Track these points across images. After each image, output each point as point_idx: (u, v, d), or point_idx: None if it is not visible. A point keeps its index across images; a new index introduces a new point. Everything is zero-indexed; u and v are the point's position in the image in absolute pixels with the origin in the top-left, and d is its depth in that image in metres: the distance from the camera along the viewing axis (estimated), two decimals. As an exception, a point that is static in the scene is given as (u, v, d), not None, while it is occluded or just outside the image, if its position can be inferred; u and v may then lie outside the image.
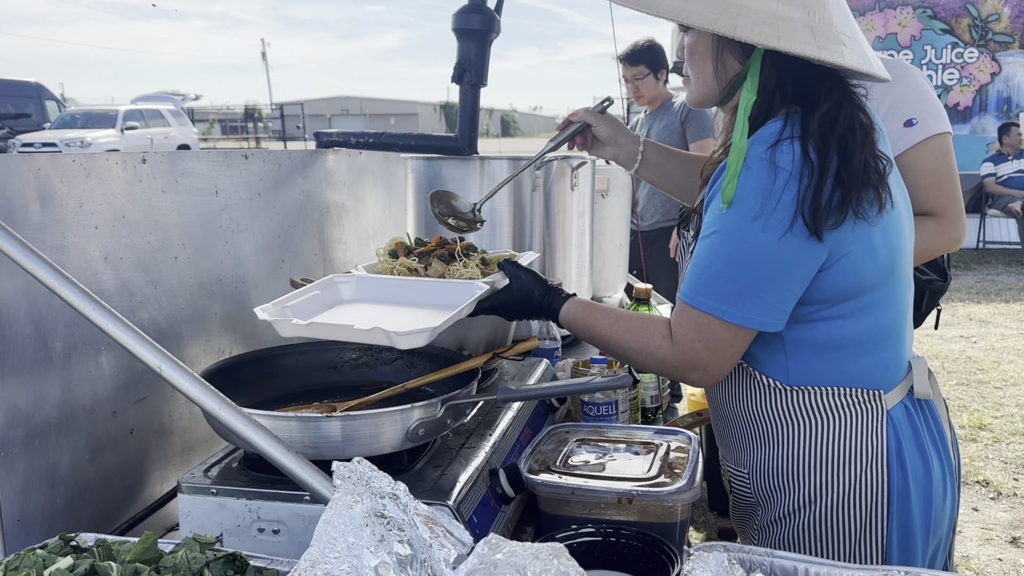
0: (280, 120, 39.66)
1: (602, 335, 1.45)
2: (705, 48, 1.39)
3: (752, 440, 1.48)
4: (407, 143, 2.49)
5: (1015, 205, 10.54)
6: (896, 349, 1.42)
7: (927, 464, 1.41)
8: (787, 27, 1.24)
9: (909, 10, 11.14)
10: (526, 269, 1.58)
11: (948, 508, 1.47)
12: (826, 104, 1.28)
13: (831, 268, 1.29)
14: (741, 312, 1.28)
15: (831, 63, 1.24)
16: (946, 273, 2.53)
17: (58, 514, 1.41)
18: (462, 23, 2.33)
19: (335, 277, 1.69)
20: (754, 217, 1.25)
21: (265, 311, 1.47)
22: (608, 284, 3.22)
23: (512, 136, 76.97)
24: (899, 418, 1.40)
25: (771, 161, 1.24)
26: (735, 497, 1.57)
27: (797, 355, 1.38)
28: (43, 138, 18.13)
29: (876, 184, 1.29)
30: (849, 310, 1.34)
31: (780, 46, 1.23)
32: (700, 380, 1.37)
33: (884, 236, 1.32)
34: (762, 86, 1.31)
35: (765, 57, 1.30)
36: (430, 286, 1.63)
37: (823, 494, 1.41)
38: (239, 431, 1.18)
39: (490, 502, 1.39)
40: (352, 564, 0.89)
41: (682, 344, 1.33)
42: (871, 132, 1.32)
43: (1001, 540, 3.60)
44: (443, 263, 1.72)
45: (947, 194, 2.02)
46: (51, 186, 1.39)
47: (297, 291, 1.60)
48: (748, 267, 1.27)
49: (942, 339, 6.78)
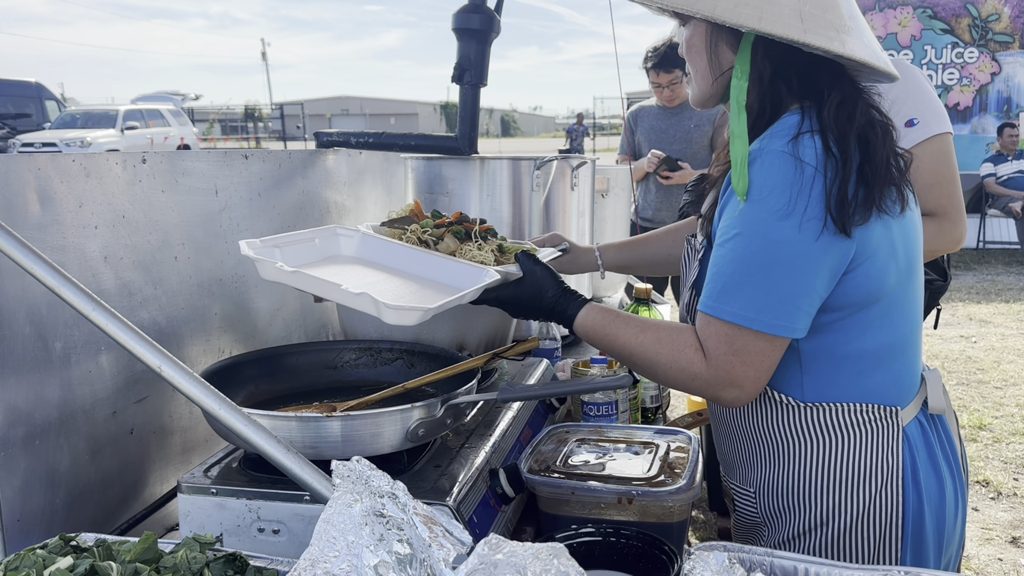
0: (280, 120, 39.69)
1: (625, 346, 1.34)
2: (700, 40, 1.35)
3: (760, 458, 1.42)
4: (407, 143, 2.49)
5: (1015, 205, 10.54)
6: (911, 361, 1.37)
7: (940, 482, 1.36)
8: (771, 9, 1.18)
9: (909, 10, 11.13)
10: (543, 265, 1.48)
11: (959, 526, 1.43)
12: (834, 97, 1.22)
13: (857, 270, 1.23)
14: (771, 319, 1.20)
15: (820, 49, 1.18)
16: (946, 273, 2.54)
17: (58, 514, 1.41)
18: (462, 23, 2.33)
19: (338, 228, 1.58)
20: (783, 215, 1.17)
21: (251, 247, 1.35)
22: (608, 284, 3.22)
23: (512, 136, 76.98)
24: (914, 435, 1.35)
25: (795, 155, 1.18)
26: (739, 516, 1.51)
27: (813, 369, 1.31)
28: (43, 138, 18.15)
29: (898, 182, 1.24)
30: (868, 318, 1.28)
31: (761, 28, 1.17)
32: (735, 399, 1.26)
33: (904, 236, 1.28)
34: (756, 77, 1.27)
35: (757, 45, 1.25)
36: (437, 262, 1.50)
37: (835, 515, 1.35)
38: (239, 431, 1.18)
39: (490, 502, 1.38)
40: (352, 563, 0.89)
41: (715, 359, 1.24)
42: (891, 129, 1.27)
43: (1001, 540, 3.60)
44: (456, 240, 1.58)
45: (948, 194, 2.02)
46: (51, 186, 1.39)
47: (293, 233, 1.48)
48: (779, 270, 1.19)
49: (942, 339, 6.78)
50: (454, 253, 1.55)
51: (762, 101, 1.28)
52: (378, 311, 1.25)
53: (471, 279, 1.41)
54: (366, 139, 2.50)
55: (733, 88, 1.28)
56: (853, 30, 1.24)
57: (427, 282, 1.44)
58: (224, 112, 53.03)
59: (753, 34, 1.24)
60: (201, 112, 47.16)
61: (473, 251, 1.56)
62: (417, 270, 1.49)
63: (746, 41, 1.26)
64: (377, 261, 1.53)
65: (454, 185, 2.30)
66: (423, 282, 1.45)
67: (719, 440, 1.55)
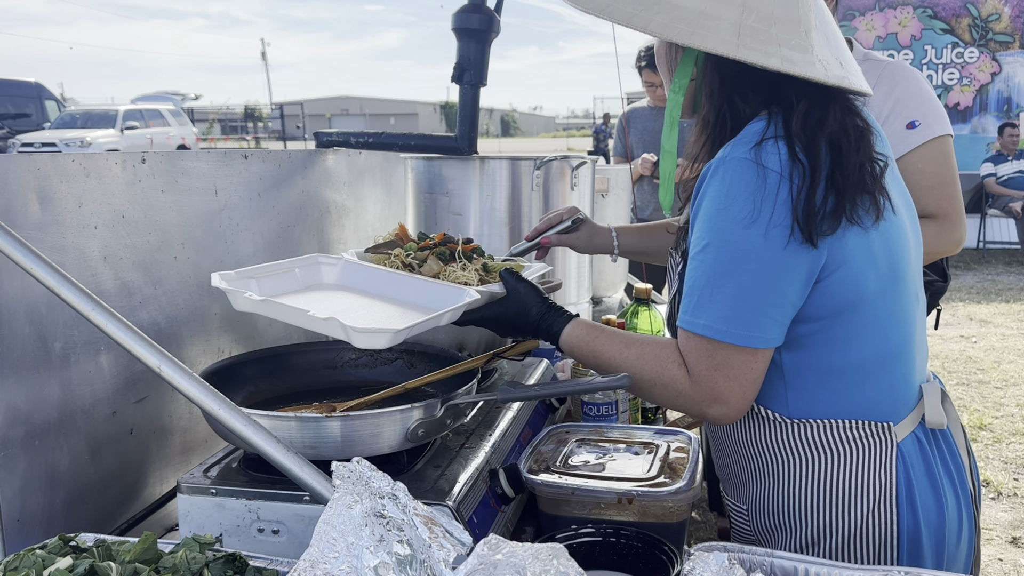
0: (280, 120, 39.72)
1: (610, 362, 1.33)
2: (664, 52, 1.36)
3: (752, 475, 1.39)
4: (407, 143, 2.49)
5: (1015, 205, 10.55)
6: (904, 372, 1.31)
7: (940, 501, 1.31)
8: (707, 24, 1.17)
9: (909, 10, 11.14)
10: (526, 282, 1.47)
11: (964, 545, 1.36)
12: (802, 104, 1.19)
13: (830, 278, 1.20)
14: (743, 331, 1.17)
15: (753, 63, 1.15)
16: (946, 273, 2.54)
17: (58, 514, 1.41)
18: (462, 23, 2.33)
19: (319, 257, 1.59)
20: (748, 223, 1.15)
21: (224, 278, 1.36)
22: (608, 284, 3.22)
23: (512, 136, 77.01)
24: (910, 452, 1.30)
25: (757, 162, 1.16)
26: (736, 532, 1.49)
27: (797, 384, 1.28)
28: (43, 138, 18.15)
29: (873, 190, 1.21)
30: (851, 329, 1.24)
31: (692, 43, 1.17)
32: (722, 416, 1.24)
33: (884, 243, 1.24)
34: (708, 91, 1.27)
35: (707, 59, 1.25)
36: (419, 285, 1.51)
37: (827, 534, 1.31)
38: (239, 431, 1.18)
39: (490, 502, 1.38)
40: (351, 564, 0.89)
41: (698, 375, 1.22)
42: (867, 135, 1.23)
43: (1001, 540, 3.60)
44: (440, 262, 1.60)
45: (948, 196, 2.02)
46: (51, 186, 1.39)
47: (273, 264, 1.50)
48: (747, 279, 1.16)
49: (942, 339, 6.79)
50: (438, 275, 1.55)
51: (718, 113, 1.27)
52: (347, 335, 1.25)
53: (449, 300, 1.41)
54: (366, 139, 2.50)
55: (669, 102, 1.29)
56: (808, 46, 1.19)
57: (409, 305, 1.45)
58: (224, 112, 53.08)
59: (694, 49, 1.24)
60: (201, 112, 47.19)
61: (457, 272, 1.55)
62: (399, 294, 1.50)
63: (688, 55, 1.27)
64: (359, 287, 1.53)
65: (454, 185, 2.30)
66: (404, 306, 1.45)
67: (717, 456, 1.52)
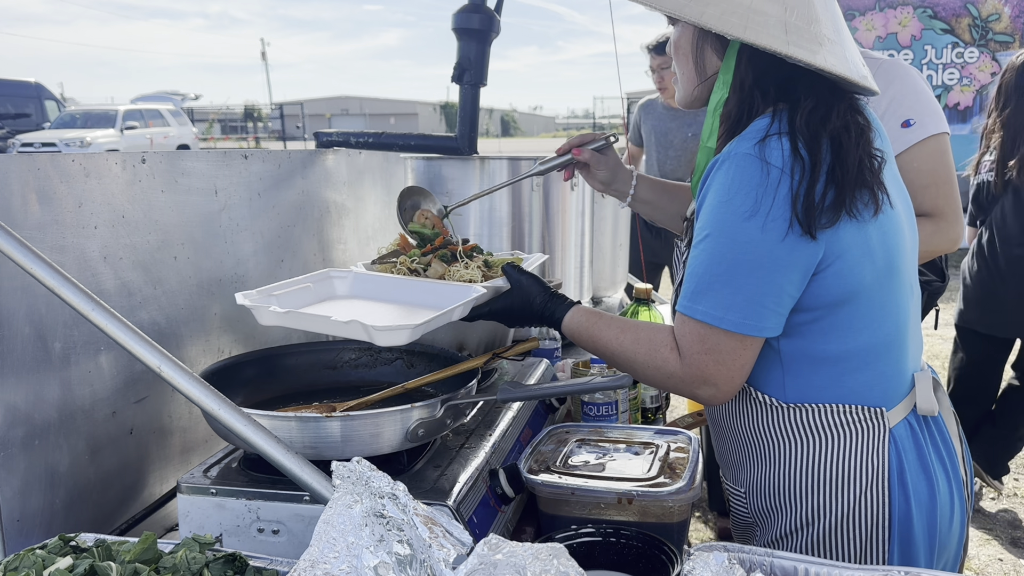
0: (280, 120, 39.71)
1: (607, 346, 1.38)
2: (687, 43, 1.37)
3: (749, 458, 1.43)
4: (407, 143, 2.50)
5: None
6: (897, 361, 1.36)
7: (932, 485, 1.36)
8: (757, 20, 1.20)
9: (909, 10, 11.14)
10: (528, 273, 1.53)
11: (956, 529, 1.41)
12: (809, 102, 1.23)
13: (827, 270, 1.24)
14: (739, 318, 1.22)
15: (801, 61, 1.20)
16: (944, 273, 2.54)
17: (58, 514, 1.41)
18: (462, 23, 2.33)
19: (331, 271, 1.67)
20: (748, 216, 1.20)
21: (247, 297, 1.44)
22: (608, 284, 3.22)
23: (512, 136, 76.95)
24: (902, 437, 1.35)
25: (760, 157, 1.20)
26: (734, 516, 1.53)
27: (794, 370, 1.33)
28: (43, 138, 18.13)
29: (872, 184, 1.25)
30: (846, 318, 1.29)
31: (746, 37, 1.19)
32: (711, 397, 1.30)
33: (881, 237, 1.28)
34: (738, 84, 1.28)
35: (741, 53, 1.27)
36: (427, 286, 1.59)
37: (820, 515, 1.36)
38: (239, 431, 1.18)
39: (490, 502, 1.38)
40: (351, 564, 0.89)
41: (689, 357, 1.27)
42: (867, 131, 1.27)
43: (1001, 540, 3.60)
44: (444, 264, 1.67)
45: (944, 195, 2.02)
46: (51, 186, 1.39)
47: (287, 281, 1.58)
48: (744, 269, 1.21)
49: (942, 339, 6.77)
50: (443, 276, 1.64)
51: (740, 107, 1.29)
52: (369, 335, 1.32)
53: (458, 296, 1.49)
54: (366, 139, 2.50)
55: (714, 97, 1.30)
56: (836, 43, 1.25)
57: (420, 305, 1.53)
58: (223, 112, 53.05)
59: (739, 43, 1.25)
60: (200, 112, 47.16)
61: (460, 271, 1.64)
62: (409, 297, 1.59)
63: (732, 49, 1.28)
64: (371, 295, 1.62)
65: (454, 185, 2.30)
66: (415, 306, 1.54)
67: (716, 440, 1.56)
